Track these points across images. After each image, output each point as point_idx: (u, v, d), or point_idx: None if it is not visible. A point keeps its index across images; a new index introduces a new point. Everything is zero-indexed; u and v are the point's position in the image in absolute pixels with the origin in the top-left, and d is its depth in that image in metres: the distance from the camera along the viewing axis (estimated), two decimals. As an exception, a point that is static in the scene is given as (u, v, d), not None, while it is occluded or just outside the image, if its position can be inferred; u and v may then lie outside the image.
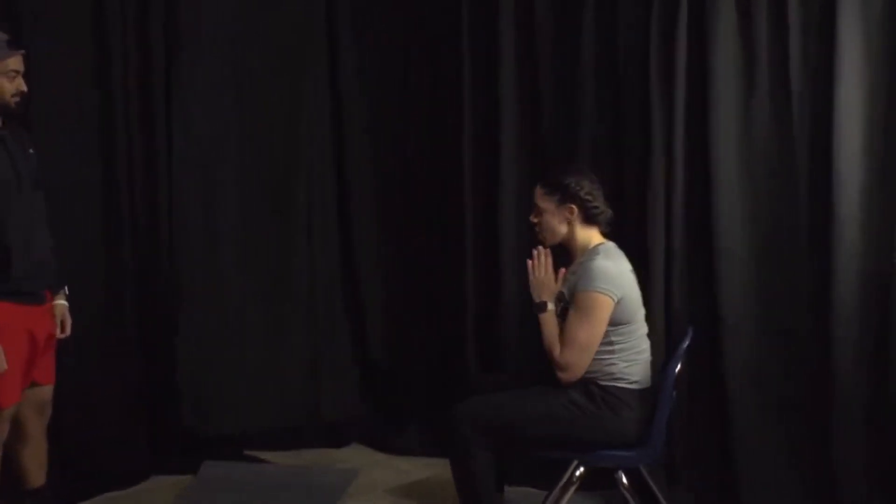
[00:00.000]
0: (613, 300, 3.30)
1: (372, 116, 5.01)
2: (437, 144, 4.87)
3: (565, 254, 3.54)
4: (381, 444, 4.81)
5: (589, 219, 3.44)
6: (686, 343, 3.47)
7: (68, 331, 3.58)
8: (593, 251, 3.41)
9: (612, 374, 3.35)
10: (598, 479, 3.60)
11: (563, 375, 3.33)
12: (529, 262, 3.47)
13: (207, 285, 4.73)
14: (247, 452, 4.70)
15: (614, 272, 3.34)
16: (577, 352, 3.31)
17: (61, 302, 3.56)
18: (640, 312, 3.46)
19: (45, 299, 3.43)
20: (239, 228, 4.82)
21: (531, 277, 3.47)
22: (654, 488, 3.64)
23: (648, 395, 3.41)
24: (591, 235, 3.46)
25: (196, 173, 4.67)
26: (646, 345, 3.47)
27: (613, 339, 3.34)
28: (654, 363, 3.51)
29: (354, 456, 4.75)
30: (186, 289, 4.66)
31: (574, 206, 3.41)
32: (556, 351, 3.33)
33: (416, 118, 4.95)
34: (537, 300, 3.43)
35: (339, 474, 4.45)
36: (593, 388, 3.34)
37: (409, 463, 4.59)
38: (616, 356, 3.35)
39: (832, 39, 3.72)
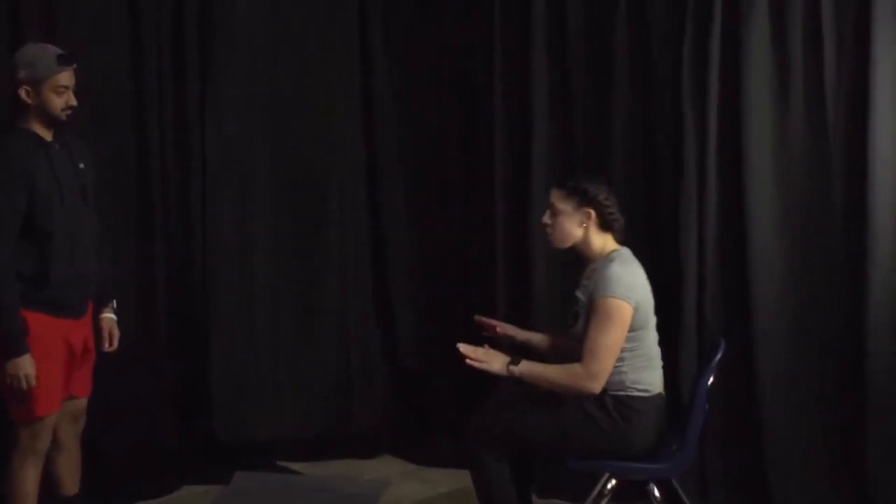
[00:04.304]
0: (632, 306, 3.28)
1: (403, 125, 5.02)
2: (468, 155, 4.88)
3: (575, 260, 3.51)
4: (411, 454, 4.81)
5: (605, 224, 3.40)
6: (719, 355, 3.43)
7: (115, 344, 3.57)
8: (609, 257, 3.37)
9: (623, 382, 3.30)
10: (630, 492, 3.58)
11: (592, 385, 3.26)
12: (467, 360, 3.33)
13: (239, 295, 4.76)
14: (278, 463, 4.72)
15: (630, 279, 3.31)
16: (603, 359, 3.25)
17: (109, 315, 3.57)
18: (653, 320, 3.41)
19: (83, 312, 3.42)
20: (270, 238, 4.85)
21: (477, 364, 3.33)
22: (686, 501, 3.61)
23: (663, 404, 3.38)
24: (606, 241, 3.42)
25: (229, 184, 4.70)
26: (657, 351, 3.42)
27: (624, 345, 3.30)
28: (686, 375, 3.47)
29: (384, 466, 4.75)
30: (218, 299, 4.68)
31: (592, 211, 3.38)
32: (576, 369, 3.25)
33: (448, 128, 4.95)
34: (501, 370, 3.32)
35: (370, 485, 4.45)
36: (606, 398, 3.30)
37: (439, 474, 4.57)
38: (626, 363, 3.30)
39: (867, 49, 3.68)
